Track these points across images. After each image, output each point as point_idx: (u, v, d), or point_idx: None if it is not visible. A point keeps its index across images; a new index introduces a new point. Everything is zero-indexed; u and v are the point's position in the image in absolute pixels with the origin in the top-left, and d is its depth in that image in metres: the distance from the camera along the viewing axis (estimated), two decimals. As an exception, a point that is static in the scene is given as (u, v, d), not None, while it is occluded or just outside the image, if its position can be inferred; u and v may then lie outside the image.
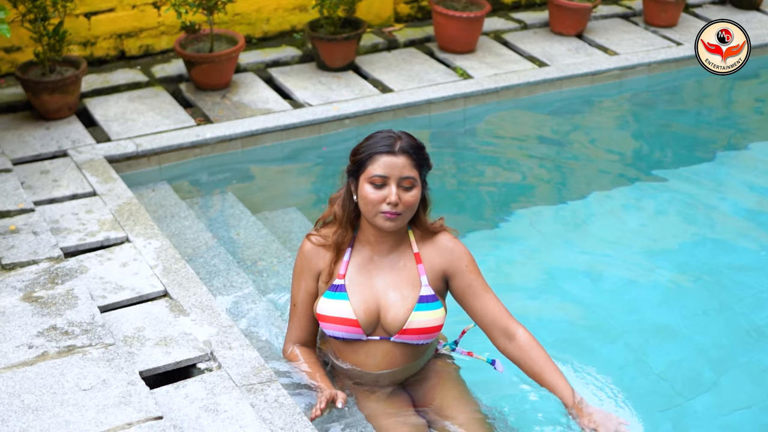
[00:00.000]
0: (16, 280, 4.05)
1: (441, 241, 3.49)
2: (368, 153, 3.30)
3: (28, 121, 5.79)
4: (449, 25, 6.76)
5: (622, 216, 5.59)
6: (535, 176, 6.07)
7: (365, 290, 3.43)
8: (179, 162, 5.66)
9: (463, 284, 3.48)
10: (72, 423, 3.18)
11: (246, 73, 6.54)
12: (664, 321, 4.55)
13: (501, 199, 5.83)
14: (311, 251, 3.47)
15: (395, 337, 3.44)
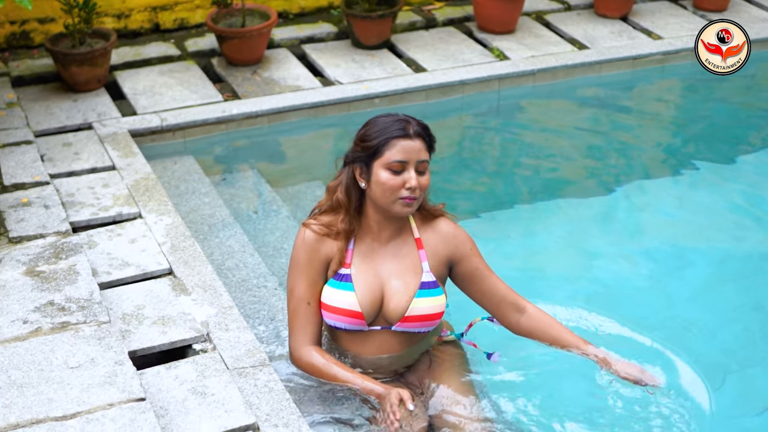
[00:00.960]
0: (21, 253, 4.04)
1: (442, 227, 3.44)
2: (384, 138, 3.21)
3: (56, 92, 5.79)
4: (488, 5, 6.63)
5: (658, 207, 5.44)
6: (570, 162, 5.93)
7: (370, 279, 3.36)
8: (204, 137, 5.62)
9: (470, 268, 3.46)
10: (54, 401, 3.16)
11: (279, 49, 6.48)
12: (695, 317, 4.41)
13: (534, 184, 5.71)
14: (315, 240, 3.37)
15: (396, 326, 3.39)
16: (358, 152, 3.29)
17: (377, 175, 3.24)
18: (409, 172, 3.22)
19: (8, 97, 5.62)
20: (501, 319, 3.56)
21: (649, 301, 4.54)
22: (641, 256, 4.91)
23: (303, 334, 3.39)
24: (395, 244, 3.41)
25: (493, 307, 3.54)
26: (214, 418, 3.22)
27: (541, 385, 3.70)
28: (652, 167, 5.88)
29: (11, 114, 5.43)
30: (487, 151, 6.03)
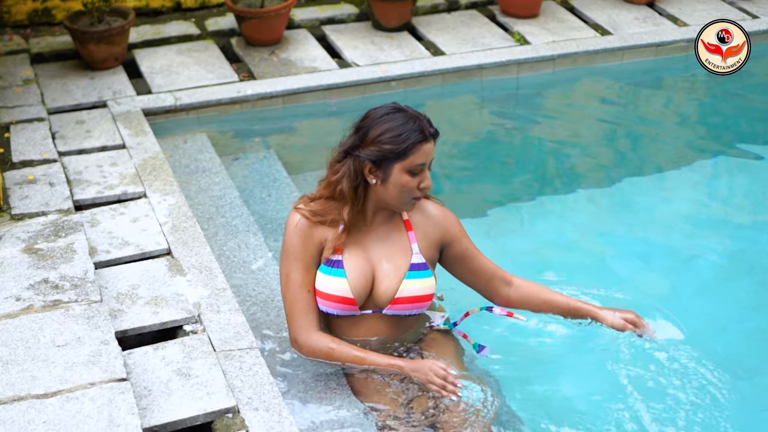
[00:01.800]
0: (21, 230, 4.08)
1: (430, 210, 3.49)
2: (411, 143, 3.20)
3: (74, 70, 5.84)
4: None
5: (677, 198, 5.37)
6: (588, 149, 5.88)
7: (361, 263, 3.37)
8: (218, 117, 5.64)
9: (460, 249, 3.51)
10: (38, 379, 3.19)
11: (299, 30, 6.47)
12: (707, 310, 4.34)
13: (551, 171, 5.67)
14: (308, 226, 3.37)
15: (387, 309, 3.41)
16: (374, 151, 3.24)
17: (397, 177, 3.24)
18: (425, 173, 3.27)
19: (25, 74, 5.67)
20: (492, 295, 3.62)
21: (661, 293, 4.48)
22: (658, 248, 4.84)
23: (308, 321, 3.38)
24: (385, 228, 3.43)
25: (483, 284, 3.61)
26: (196, 400, 3.24)
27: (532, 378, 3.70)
28: (673, 157, 5.80)
29: (27, 91, 5.48)
30: (503, 137, 5.99)
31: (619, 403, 3.59)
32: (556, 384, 3.73)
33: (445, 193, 5.44)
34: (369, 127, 3.28)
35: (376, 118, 3.28)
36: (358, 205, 3.34)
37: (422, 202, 3.48)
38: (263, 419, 3.17)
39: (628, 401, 3.61)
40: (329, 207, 3.38)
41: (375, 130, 3.25)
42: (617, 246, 4.86)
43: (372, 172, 3.27)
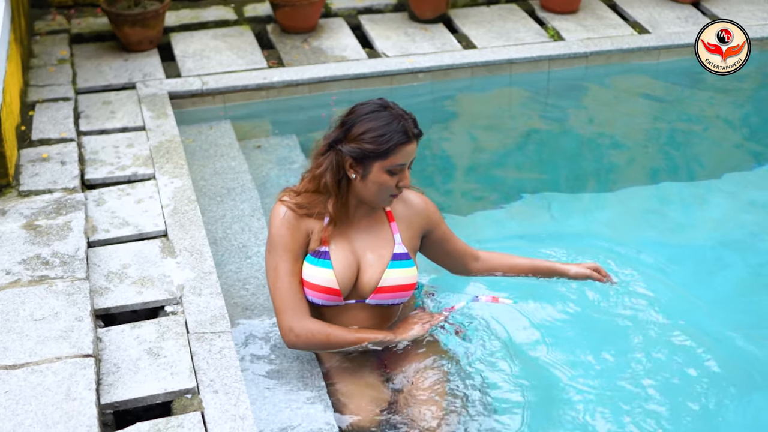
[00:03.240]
0: (25, 207, 4.24)
1: (412, 199, 3.58)
2: (392, 144, 3.24)
3: (110, 51, 6.00)
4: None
5: (708, 202, 5.27)
6: (618, 149, 5.84)
7: (347, 255, 3.44)
8: (244, 103, 5.75)
9: (439, 234, 3.66)
10: (9, 350, 3.33)
11: (335, 18, 6.55)
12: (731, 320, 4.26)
13: (578, 170, 5.64)
14: (295, 218, 3.42)
15: (370, 299, 3.47)
16: (355, 148, 3.28)
17: (376, 175, 3.30)
18: (405, 172, 3.32)
19: (61, 53, 5.85)
20: (462, 269, 3.79)
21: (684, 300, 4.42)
22: (683, 253, 4.76)
23: (302, 308, 3.41)
24: (367, 220, 3.49)
25: (456, 263, 3.77)
26: (159, 379, 3.34)
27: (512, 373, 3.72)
28: (708, 161, 5.73)
29: (60, 70, 5.65)
30: (531, 133, 5.98)
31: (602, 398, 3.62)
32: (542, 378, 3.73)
33: (471, 186, 5.48)
34: (353, 123, 3.31)
35: (361, 115, 3.31)
36: (342, 198, 3.40)
37: (405, 192, 3.55)
38: (220, 402, 3.26)
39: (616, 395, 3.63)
40: (315, 200, 3.44)
41: (358, 127, 3.29)
42: (641, 249, 4.78)
43: (352, 167, 3.33)
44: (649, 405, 3.63)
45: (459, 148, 5.81)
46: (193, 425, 3.16)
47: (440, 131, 5.95)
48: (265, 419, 3.39)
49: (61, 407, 3.08)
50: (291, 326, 3.37)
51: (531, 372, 3.72)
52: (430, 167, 5.61)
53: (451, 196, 5.35)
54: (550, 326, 3.95)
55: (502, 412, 3.54)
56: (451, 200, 5.30)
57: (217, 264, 4.23)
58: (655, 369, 3.80)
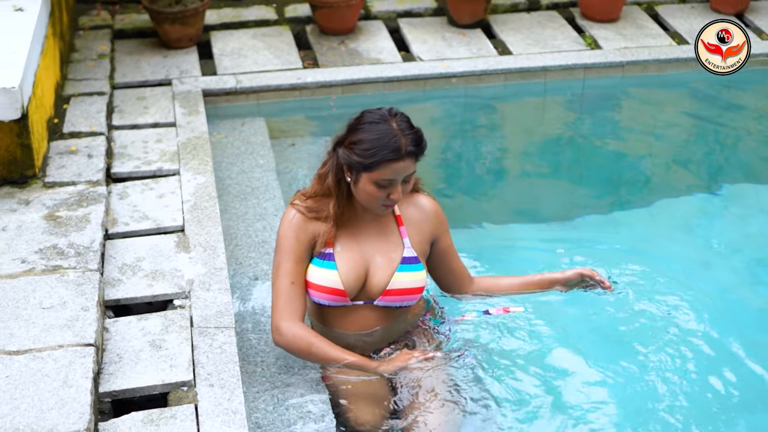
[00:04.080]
0: (49, 198, 4.36)
1: (424, 204, 3.58)
2: (377, 159, 3.25)
3: (150, 48, 6.12)
4: (590, -8, 6.54)
5: (744, 216, 5.19)
6: (653, 160, 5.79)
7: (355, 257, 3.48)
8: (278, 102, 5.83)
9: (445, 245, 3.64)
10: (15, 336, 3.44)
11: (375, 21, 6.61)
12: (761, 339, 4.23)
13: (612, 180, 5.60)
14: (303, 222, 3.47)
15: (378, 301, 3.50)
16: (345, 155, 3.32)
17: (364, 184, 3.33)
18: (396, 186, 3.32)
19: (101, 48, 5.99)
20: (456, 288, 3.78)
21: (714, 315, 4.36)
22: (717, 268, 4.68)
23: (292, 309, 3.45)
24: (377, 223, 3.52)
25: (452, 280, 3.76)
26: (158, 371, 3.43)
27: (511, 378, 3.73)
28: (742, 174, 5.68)
29: (98, 65, 5.78)
30: (564, 141, 5.98)
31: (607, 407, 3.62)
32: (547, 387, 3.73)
33: (499, 193, 5.49)
34: (354, 128, 3.35)
35: (362, 123, 3.33)
36: (342, 199, 3.44)
37: (416, 196, 3.57)
38: (215, 395, 3.34)
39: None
40: (324, 203, 3.49)
41: (355, 134, 3.32)
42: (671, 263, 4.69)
43: (347, 171, 3.38)
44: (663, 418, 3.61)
45: (489, 154, 5.83)
46: (186, 417, 3.24)
47: (471, 136, 5.98)
48: (263, 416, 3.45)
49: (57, 393, 3.18)
50: (278, 325, 3.43)
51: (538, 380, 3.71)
52: (459, 172, 5.63)
53: (479, 202, 5.36)
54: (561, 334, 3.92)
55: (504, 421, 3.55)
56: (479, 206, 5.31)
57: (234, 261, 4.31)
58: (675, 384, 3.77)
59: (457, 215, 5.14)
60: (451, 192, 5.44)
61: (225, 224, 4.56)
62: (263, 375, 3.61)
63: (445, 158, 5.75)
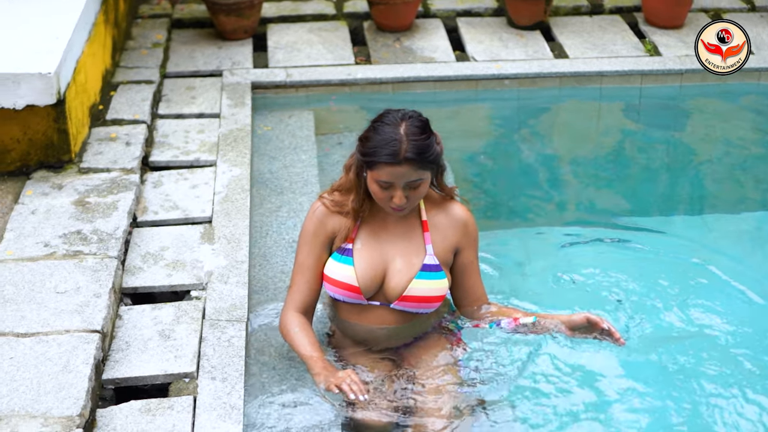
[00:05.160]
0: (81, 183, 4.42)
1: (455, 212, 3.51)
2: (375, 160, 3.25)
3: (206, 38, 6.17)
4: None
5: None
6: (711, 171, 5.63)
7: (374, 255, 3.46)
8: (328, 98, 5.82)
9: (466, 260, 3.54)
10: (26, 319, 3.50)
11: (433, 19, 6.56)
12: None
13: (666, 191, 5.45)
14: (324, 215, 3.49)
15: (394, 304, 3.47)
16: (357, 151, 3.36)
17: (370, 182, 3.33)
18: (396, 191, 3.28)
19: (157, 37, 6.05)
20: (467, 310, 3.64)
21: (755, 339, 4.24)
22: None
23: (293, 299, 3.51)
24: (404, 224, 3.48)
25: (467, 302, 3.62)
26: (162, 361, 3.45)
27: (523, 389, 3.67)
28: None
29: (152, 54, 5.85)
30: (618, 149, 5.86)
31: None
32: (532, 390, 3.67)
33: (549, 200, 5.40)
34: (370, 125, 3.35)
35: (377, 122, 3.34)
36: (361, 194, 3.42)
37: (449, 204, 3.51)
38: (215, 388, 3.35)
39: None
40: (348, 198, 3.49)
41: (367, 131, 3.34)
42: (726, 276, 4.59)
43: (365, 172, 3.37)
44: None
45: (540, 158, 5.74)
46: (183, 408, 3.25)
47: (522, 139, 5.90)
48: (265, 411, 3.43)
49: (56, 378, 3.22)
50: (281, 314, 3.51)
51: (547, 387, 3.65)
52: (507, 174, 5.57)
53: (527, 209, 5.28)
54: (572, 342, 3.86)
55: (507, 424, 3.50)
56: (527, 212, 5.23)
57: (261, 255, 4.32)
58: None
59: (504, 218, 5.10)
60: (499, 194, 5.39)
61: (258, 218, 4.58)
62: (271, 372, 3.59)
63: (495, 160, 5.69)
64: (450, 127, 5.87)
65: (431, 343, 3.62)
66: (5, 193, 4.34)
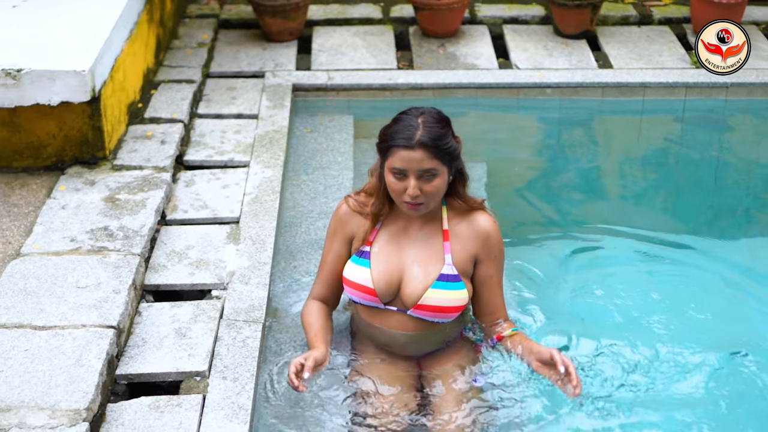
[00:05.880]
0: (113, 180, 4.49)
1: (478, 222, 3.48)
2: (388, 144, 3.31)
3: (251, 40, 6.23)
4: (702, 9, 6.32)
5: None
6: (756, 191, 5.55)
7: (391, 260, 3.48)
8: (368, 101, 5.84)
9: (485, 273, 3.50)
10: (44, 312, 3.57)
11: (480, 26, 6.55)
12: None
13: (710, 209, 5.34)
14: (346, 215, 3.55)
15: (411, 311, 3.48)
16: (378, 147, 3.40)
17: (386, 174, 3.35)
18: (410, 180, 3.29)
19: (202, 37, 6.12)
20: (485, 326, 3.62)
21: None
22: None
23: (312, 291, 3.64)
24: (426, 231, 3.49)
25: (483, 314, 3.61)
26: (176, 359, 3.50)
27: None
28: None
29: (196, 54, 5.92)
30: (660, 162, 5.78)
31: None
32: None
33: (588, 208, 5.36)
34: (393, 118, 3.41)
35: (399, 114, 3.41)
36: (381, 196, 3.45)
37: (474, 214, 3.48)
38: (225, 388, 3.38)
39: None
40: (370, 200, 3.53)
41: (388, 123, 3.40)
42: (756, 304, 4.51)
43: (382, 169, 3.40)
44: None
45: (579, 170, 5.68)
46: (191, 407, 3.29)
47: (562, 149, 5.87)
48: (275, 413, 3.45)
49: (68, 371, 3.27)
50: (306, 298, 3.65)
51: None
52: (546, 185, 5.53)
53: (566, 220, 5.23)
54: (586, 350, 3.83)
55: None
56: (566, 224, 5.17)
57: (290, 255, 4.36)
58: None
59: (541, 226, 5.06)
60: (537, 202, 5.36)
61: (289, 219, 4.62)
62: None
63: (534, 168, 5.67)
64: (489, 134, 5.86)
65: (451, 354, 3.62)
66: (39, 187, 4.42)
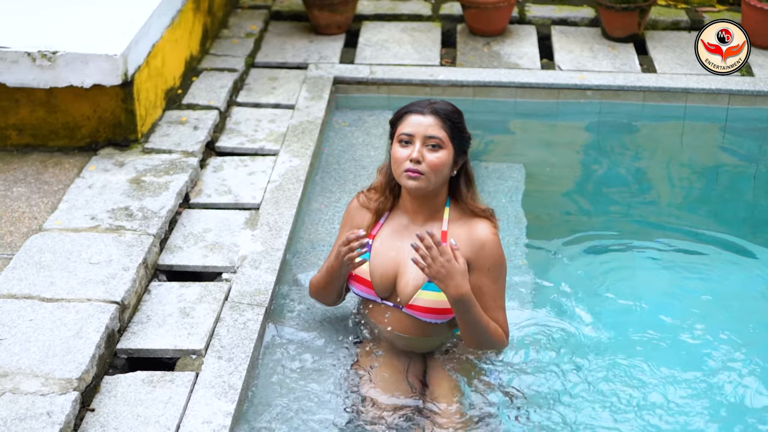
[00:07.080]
0: (142, 163, 4.64)
1: (477, 230, 3.48)
2: (400, 113, 3.45)
3: (301, 31, 6.35)
4: (753, 16, 6.25)
5: None
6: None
7: (389, 254, 3.55)
8: (408, 98, 5.85)
9: (475, 282, 3.45)
10: (55, 285, 3.72)
11: (528, 26, 6.56)
12: None
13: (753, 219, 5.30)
14: (355, 209, 3.67)
15: (405, 309, 3.54)
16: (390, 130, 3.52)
17: (394, 148, 3.45)
18: (415, 145, 3.37)
19: (251, 28, 6.25)
20: None
21: None
22: None
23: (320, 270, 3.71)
24: (427, 230, 3.55)
25: None
26: (175, 336, 3.62)
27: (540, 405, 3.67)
28: None
29: (242, 44, 6.06)
30: (701, 170, 5.73)
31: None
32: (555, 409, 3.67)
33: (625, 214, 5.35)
34: None
35: None
36: (387, 191, 3.57)
37: (476, 221, 3.50)
38: (219, 367, 3.49)
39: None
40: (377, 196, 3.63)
41: None
42: None
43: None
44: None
45: (618, 173, 5.67)
46: (183, 383, 3.41)
47: (601, 153, 5.85)
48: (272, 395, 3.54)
49: (66, 342, 3.42)
50: None
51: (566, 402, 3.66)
52: (583, 189, 5.53)
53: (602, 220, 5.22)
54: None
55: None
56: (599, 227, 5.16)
57: (309, 243, 4.46)
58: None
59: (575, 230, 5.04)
60: (573, 205, 5.37)
61: (316, 206, 4.70)
62: (282, 359, 3.69)
63: (571, 171, 5.67)
64: (526, 135, 5.88)
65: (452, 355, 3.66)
66: (72, 167, 4.58)
